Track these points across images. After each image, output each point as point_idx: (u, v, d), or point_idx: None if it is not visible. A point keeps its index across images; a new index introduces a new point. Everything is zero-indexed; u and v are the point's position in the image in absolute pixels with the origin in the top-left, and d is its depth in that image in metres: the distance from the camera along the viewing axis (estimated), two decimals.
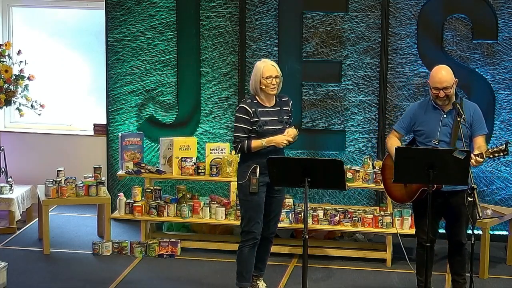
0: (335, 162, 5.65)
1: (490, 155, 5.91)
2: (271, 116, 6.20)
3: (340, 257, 7.40)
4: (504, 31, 7.66)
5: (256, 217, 6.22)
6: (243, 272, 6.33)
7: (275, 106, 6.24)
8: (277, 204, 6.37)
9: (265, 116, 6.18)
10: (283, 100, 6.30)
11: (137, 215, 7.59)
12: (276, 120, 6.20)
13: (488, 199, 7.75)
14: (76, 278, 6.95)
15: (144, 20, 8.22)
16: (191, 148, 7.76)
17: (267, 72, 6.15)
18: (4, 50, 8.13)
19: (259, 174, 6.12)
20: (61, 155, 8.60)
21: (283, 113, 6.25)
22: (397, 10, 7.81)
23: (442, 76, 6.01)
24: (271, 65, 6.18)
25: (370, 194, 8.02)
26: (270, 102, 6.24)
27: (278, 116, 6.21)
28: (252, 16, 8.03)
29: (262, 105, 6.21)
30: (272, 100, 6.25)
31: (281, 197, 6.40)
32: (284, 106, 6.29)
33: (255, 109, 6.17)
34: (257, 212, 6.22)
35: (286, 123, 6.24)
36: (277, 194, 6.32)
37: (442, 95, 6.00)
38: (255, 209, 6.21)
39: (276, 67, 6.20)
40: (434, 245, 6.27)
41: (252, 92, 6.26)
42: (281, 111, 6.25)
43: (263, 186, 6.19)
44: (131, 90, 8.33)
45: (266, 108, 6.20)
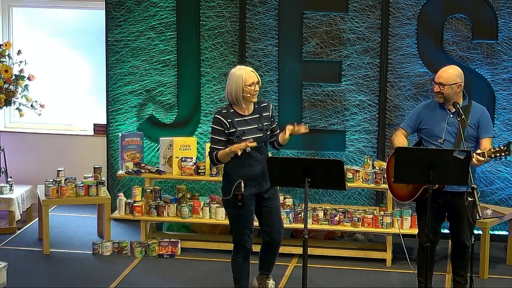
0: (335, 162, 5.64)
1: (492, 155, 5.92)
2: (249, 125, 6.04)
3: (340, 257, 7.40)
4: (504, 31, 7.66)
5: (245, 230, 6.17)
6: (239, 279, 6.33)
7: (253, 114, 6.07)
8: (270, 213, 6.22)
9: (242, 126, 6.02)
10: (262, 106, 6.12)
11: (137, 215, 7.59)
12: (256, 128, 6.05)
13: (488, 199, 7.75)
14: (76, 278, 6.95)
15: (144, 20, 8.22)
16: (191, 148, 7.76)
17: (249, 79, 5.97)
18: (4, 50, 8.13)
19: (244, 187, 6.01)
20: (61, 155, 8.60)
21: (263, 120, 6.08)
22: (397, 10, 7.81)
23: (444, 72, 6.08)
24: (251, 71, 6.02)
25: (370, 194, 8.02)
26: (249, 110, 6.07)
27: (258, 124, 6.06)
28: (252, 16, 8.03)
29: (240, 114, 6.04)
30: (251, 107, 6.08)
31: (272, 205, 6.22)
32: (264, 112, 6.12)
33: (231, 120, 6.01)
34: (245, 225, 6.15)
35: (267, 130, 6.09)
36: (268, 202, 6.19)
37: (436, 89, 6.07)
38: (243, 222, 6.15)
39: (255, 73, 6.04)
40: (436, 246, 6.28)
41: (230, 101, 6.05)
42: (260, 118, 6.08)
43: (250, 199, 6.10)
44: (131, 90, 8.33)
45: (244, 117, 6.04)
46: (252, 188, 6.06)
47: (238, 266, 6.28)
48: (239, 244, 6.22)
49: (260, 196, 6.15)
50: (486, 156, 5.91)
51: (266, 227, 6.29)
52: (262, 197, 6.16)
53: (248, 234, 6.18)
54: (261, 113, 6.10)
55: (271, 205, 6.22)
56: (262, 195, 6.16)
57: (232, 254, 6.32)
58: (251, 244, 6.24)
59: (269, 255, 6.41)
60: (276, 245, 6.36)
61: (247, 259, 6.29)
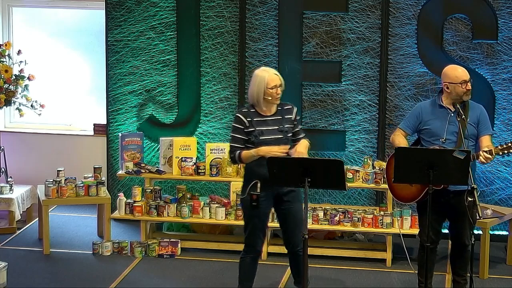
0: (335, 162, 5.64)
1: (500, 152, 5.92)
2: (269, 125, 5.99)
3: (340, 257, 7.40)
4: (504, 31, 7.66)
5: (256, 231, 6.09)
6: (243, 279, 6.25)
7: (275, 115, 6.02)
8: (287, 216, 6.08)
9: (262, 126, 5.98)
10: (285, 108, 6.06)
11: (137, 215, 7.59)
12: (276, 129, 5.98)
13: (488, 199, 7.75)
14: (76, 278, 6.95)
15: (144, 20, 8.22)
16: (191, 148, 7.76)
17: (272, 82, 5.92)
18: (4, 50, 8.13)
19: (260, 188, 5.93)
20: (61, 155, 8.60)
21: (284, 122, 6.02)
22: (397, 10, 7.81)
23: (462, 70, 6.13)
24: (274, 74, 5.96)
25: (370, 194, 8.03)
26: (271, 111, 6.03)
27: (278, 125, 6.00)
28: (252, 16, 8.03)
29: (260, 115, 6.00)
30: (273, 108, 6.03)
31: (292, 208, 6.03)
32: (287, 115, 6.05)
33: (251, 119, 5.98)
34: (258, 225, 6.08)
35: (288, 132, 6.02)
36: (287, 205, 6.05)
37: (469, 87, 6.10)
38: (256, 222, 6.08)
39: (279, 75, 5.99)
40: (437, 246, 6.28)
41: (252, 102, 6.03)
42: (282, 120, 6.02)
43: (267, 200, 6.02)
44: (131, 90, 8.33)
45: (264, 118, 6.00)
46: (270, 189, 5.96)
47: (245, 266, 6.20)
48: (249, 244, 6.14)
49: (279, 198, 6.05)
50: (494, 153, 5.91)
51: (283, 232, 6.19)
52: (281, 200, 6.05)
53: (259, 235, 6.10)
54: (283, 115, 6.03)
55: (290, 208, 6.05)
56: (282, 197, 6.04)
57: (241, 253, 6.22)
58: (261, 246, 6.16)
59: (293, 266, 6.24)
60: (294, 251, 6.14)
61: (255, 260, 6.20)
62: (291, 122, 6.06)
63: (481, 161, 5.90)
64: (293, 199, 6.04)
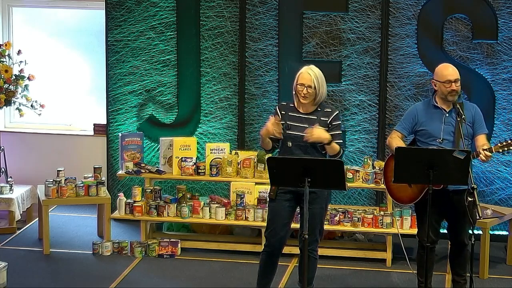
0: (335, 162, 5.64)
1: (500, 149, 5.92)
2: (301, 122, 5.95)
3: (340, 257, 7.40)
4: (504, 31, 7.66)
5: (271, 224, 6.05)
6: (260, 275, 6.20)
7: (311, 114, 5.98)
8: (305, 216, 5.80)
9: (293, 121, 5.97)
10: (325, 111, 5.98)
11: (137, 215, 7.59)
12: (306, 127, 5.91)
13: (488, 199, 7.76)
14: (76, 278, 6.95)
15: (144, 20, 8.22)
16: (191, 148, 7.76)
17: (301, 79, 5.91)
18: (4, 50, 8.13)
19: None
20: (61, 155, 8.60)
21: (317, 123, 5.93)
22: (397, 10, 7.81)
23: (452, 69, 6.09)
24: (307, 72, 5.92)
25: (370, 194, 8.03)
26: (307, 109, 5.99)
27: (310, 124, 5.92)
28: (252, 16, 8.03)
29: (297, 110, 6.00)
30: (309, 108, 5.99)
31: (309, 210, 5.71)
32: (323, 117, 5.97)
33: (286, 112, 6.00)
34: (274, 219, 6.03)
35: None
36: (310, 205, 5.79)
37: (454, 87, 6.05)
38: (272, 216, 6.05)
39: (313, 76, 5.89)
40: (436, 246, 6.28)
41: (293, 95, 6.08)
42: (315, 121, 5.95)
43: (286, 194, 6.00)
44: (131, 90, 8.34)
45: (299, 114, 5.99)
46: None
47: (261, 262, 6.15)
48: (266, 239, 6.11)
49: (299, 197, 5.99)
50: (494, 151, 5.92)
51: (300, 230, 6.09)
52: (300, 199, 5.96)
53: (275, 230, 6.02)
54: (319, 117, 5.97)
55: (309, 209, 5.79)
56: (301, 197, 5.93)
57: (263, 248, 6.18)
58: (278, 243, 6.04)
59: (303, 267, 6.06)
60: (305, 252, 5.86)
61: (272, 257, 6.11)
62: (326, 125, 5.96)
63: (481, 159, 5.91)
64: (312, 200, 5.89)
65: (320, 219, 6.06)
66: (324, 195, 6.03)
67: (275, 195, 6.00)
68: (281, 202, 6.03)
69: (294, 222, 6.46)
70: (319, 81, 5.93)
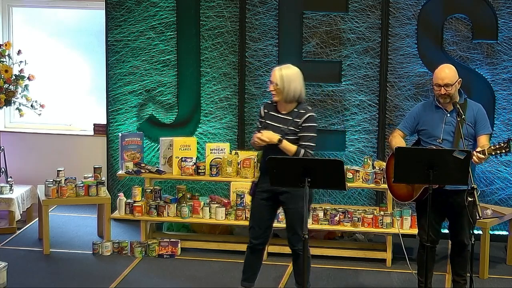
0: (335, 162, 5.64)
1: (492, 152, 5.91)
2: (278, 122, 6.02)
3: (340, 257, 7.40)
4: (504, 31, 7.66)
5: (251, 222, 6.18)
6: (243, 269, 6.30)
7: (288, 115, 6.03)
8: (285, 215, 6.14)
9: (271, 120, 6.05)
10: (300, 112, 6.03)
11: (137, 215, 7.59)
12: (279, 128, 6.00)
13: (488, 199, 7.76)
14: (76, 278, 6.95)
15: (144, 20, 8.22)
16: (191, 148, 7.76)
17: (271, 76, 6.03)
18: (4, 50, 8.13)
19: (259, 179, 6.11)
20: (61, 155, 8.60)
21: (290, 124, 6.00)
22: (397, 10, 7.81)
23: (444, 73, 6.04)
24: (276, 71, 6.00)
25: (370, 194, 8.03)
26: (286, 109, 6.05)
27: (285, 125, 6.00)
28: (252, 16, 8.03)
29: (277, 110, 6.07)
30: (288, 108, 6.04)
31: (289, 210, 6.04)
32: (297, 118, 6.01)
33: (268, 111, 6.09)
34: (253, 217, 6.17)
35: (288, 135, 5.98)
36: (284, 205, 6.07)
37: (442, 92, 6.03)
38: (252, 214, 6.19)
39: (279, 75, 5.97)
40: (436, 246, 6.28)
41: None
42: (290, 121, 6.01)
43: (262, 193, 6.09)
44: (131, 90, 8.34)
45: (279, 114, 6.05)
46: (267, 184, 5.96)
47: (246, 256, 6.27)
48: (249, 235, 6.22)
49: (277, 197, 6.07)
50: (487, 153, 5.91)
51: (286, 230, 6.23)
52: (278, 199, 6.07)
53: (254, 227, 6.14)
54: (293, 117, 6.02)
55: (286, 209, 6.09)
56: (278, 197, 6.06)
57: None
58: (257, 240, 6.15)
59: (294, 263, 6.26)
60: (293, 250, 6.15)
61: (254, 254, 6.22)
62: (297, 127, 6.01)
63: (474, 161, 5.88)
64: (288, 200, 6.04)
65: (300, 218, 6.00)
66: (300, 193, 5.93)
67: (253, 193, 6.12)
68: (258, 200, 6.12)
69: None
70: (284, 80, 5.97)
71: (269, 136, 5.95)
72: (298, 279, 6.23)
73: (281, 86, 5.97)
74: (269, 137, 5.95)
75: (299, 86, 6.03)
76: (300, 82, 6.03)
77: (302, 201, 5.89)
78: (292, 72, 6.01)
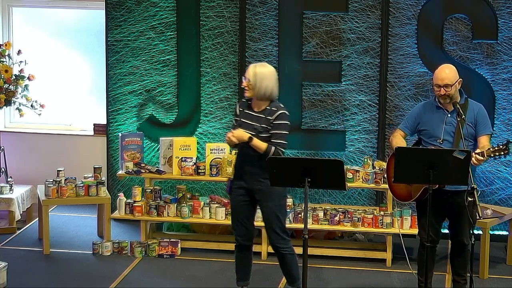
0: (335, 162, 5.64)
1: (491, 153, 5.91)
2: (251, 120, 6.07)
3: (340, 257, 7.40)
4: (504, 31, 7.66)
5: (232, 220, 6.27)
6: (236, 270, 6.39)
7: (261, 113, 6.08)
8: (262, 214, 6.20)
9: (245, 118, 6.10)
10: (272, 109, 6.07)
11: (137, 215, 7.59)
12: (251, 125, 6.05)
13: (488, 199, 7.76)
14: (76, 278, 6.95)
15: (144, 20, 8.22)
16: (191, 148, 7.76)
17: (246, 72, 6.09)
18: (4, 50, 8.13)
19: (233, 177, 6.18)
20: (61, 155, 8.60)
21: (262, 121, 6.05)
22: (397, 10, 7.81)
23: (444, 73, 6.04)
24: (250, 68, 6.07)
25: (370, 194, 8.03)
26: (259, 107, 6.10)
27: (257, 122, 6.05)
28: (252, 16, 8.03)
29: (251, 108, 6.12)
30: (261, 106, 6.10)
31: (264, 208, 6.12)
32: (269, 115, 6.05)
33: (243, 109, 6.14)
34: (233, 215, 6.25)
35: (260, 132, 6.01)
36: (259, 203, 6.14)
37: (442, 92, 6.03)
38: (231, 211, 6.28)
39: (252, 70, 6.02)
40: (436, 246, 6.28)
41: None
42: (262, 119, 6.06)
43: (239, 189, 6.14)
44: (131, 90, 8.34)
45: (252, 112, 6.10)
46: (242, 182, 6.09)
47: (235, 257, 6.36)
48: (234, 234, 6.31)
49: (252, 194, 6.13)
50: (486, 155, 5.90)
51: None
52: (254, 197, 6.14)
53: (235, 224, 6.24)
54: (266, 115, 6.06)
55: (261, 206, 6.17)
56: (253, 195, 6.13)
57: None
58: (241, 237, 6.24)
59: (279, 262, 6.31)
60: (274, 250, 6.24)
61: (242, 252, 6.31)
62: (269, 124, 6.05)
63: (473, 162, 5.87)
64: (262, 198, 6.09)
65: (276, 215, 6.11)
66: (274, 191, 6.04)
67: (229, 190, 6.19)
68: (236, 197, 6.18)
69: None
70: (257, 77, 6.01)
71: (239, 135, 6.01)
72: (290, 278, 6.29)
73: (254, 83, 6.02)
74: (239, 135, 6.01)
75: (271, 85, 6.07)
76: (273, 81, 6.08)
77: (277, 199, 6.05)
78: (266, 71, 6.06)
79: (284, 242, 6.16)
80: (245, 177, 6.09)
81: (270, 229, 6.16)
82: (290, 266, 6.24)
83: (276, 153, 5.97)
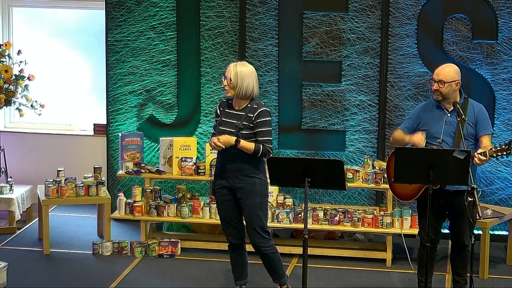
0: (335, 162, 5.64)
1: (494, 154, 5.91)
2: (231, 118, 6.08)
3: (340, 257, 7.40)
4: (504, 31, 7.66)
5: (221, 220, 6.27)
6: (232, 271, 6.41)
7: (241, 111, 6.08)
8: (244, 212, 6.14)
9: (226, 117, 6.10)
10: (253, 107, 6.07)
11: (137, 215, 7.59)
12: (233, 124, 6.05)
13: (488, 199, 7.76)
14: (76, 278, 6.95)
15: (144, 20, 8.23)
16: (191, 148, 7.76)
17: (226, 71, 6.09)
18: (4, 50, 8.13)
19: (215, 176, 6.19)
20: (61, 155, 8.61)
21: (243, 119, 6.05)
22: (397, 10, 7.82)
23: (443, 70, 6.07)
24: (231, 66, 6.06)
25: (370, 194, 8.03)
26: (239, 105, 6.10)
27: (238, 120, 6.05)
28: (252, 16, 8.03)
29: (231, 107, 6.13)
30: (241, 104, 6.10)
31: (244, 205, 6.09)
32: (250, 113, 6.05)
33: (223, 108, 6.15)
34: (220, 215, 6.25)
35: (242, 129, 6.02)
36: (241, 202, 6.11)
37: (435, 86, 6.06)
38: (218, 212, 6.28)
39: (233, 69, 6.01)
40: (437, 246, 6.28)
41: None
42: (243, 117, 6.06)
43: (221, 189, 6.14)
44: (131, 90, 8.34)
45: (232, 110, 6.11)
46: (224, 180, 6.10)
47: (230, 257, 6.37)
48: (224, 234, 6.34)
49: (233, 191, 6.13)
50: (488, 155, 5.90)
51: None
52: (235, 195, 6.14)
53: (223, 224, 6.24)
54: (247, 113, 6.07)
55: (243, 205, 6.11)
56: (235, 193, 6.12)
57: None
58: (233, 235, 6.22)
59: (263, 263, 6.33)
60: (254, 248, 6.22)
61: (236, 251, 6.30)
62: (251, 121, 6.04)
63: (475, 162, 5.88)
64: (243, 196, 6.08)
65: (256, 214, 6.10)
66: (255, 189, 6.04)
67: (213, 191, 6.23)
68: (220, 197, 6.20)
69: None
70: (238, 76, 6.01)
71: (225, 141, 6.00)
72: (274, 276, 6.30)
73: (235, 82, 6.02)
74: (225, 140, 6.00)
75: (252, 84, 6.05)
76: (253, 80, 6.07)
77: (258, 197, 6.05)
78: (247, 70, 6.05)
79: (264, 241, 6.14)
80: (225, 175, 6.09)
81: (250, 228, 6.14)
82: (272, 264, 6.24)
83: (264, 151, 5.98)
